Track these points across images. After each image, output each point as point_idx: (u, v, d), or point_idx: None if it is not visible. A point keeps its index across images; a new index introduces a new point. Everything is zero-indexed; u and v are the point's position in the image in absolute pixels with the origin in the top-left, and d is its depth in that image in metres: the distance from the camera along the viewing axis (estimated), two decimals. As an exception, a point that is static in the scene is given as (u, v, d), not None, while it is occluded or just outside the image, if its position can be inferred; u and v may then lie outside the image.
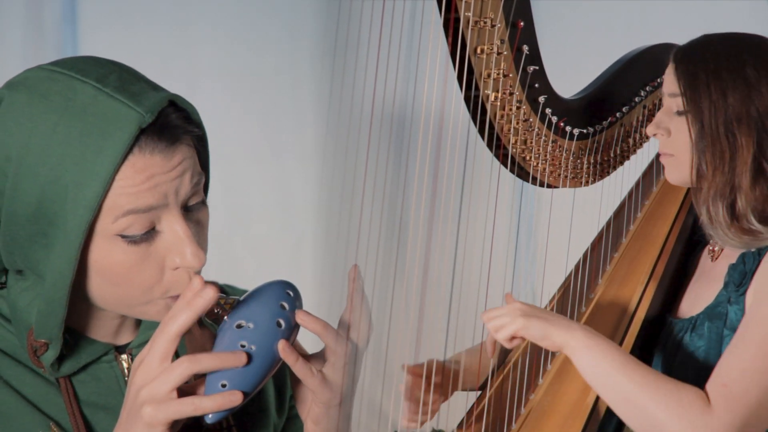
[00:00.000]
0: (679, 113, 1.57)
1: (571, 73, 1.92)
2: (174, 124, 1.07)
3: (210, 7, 3.06)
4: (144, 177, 1.05)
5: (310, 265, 3.08)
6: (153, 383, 1.04)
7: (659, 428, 1.40)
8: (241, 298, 1.12)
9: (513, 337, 1.48)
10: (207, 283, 1.06)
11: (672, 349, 1.63)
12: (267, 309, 1.10)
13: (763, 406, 1.41)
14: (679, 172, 1.60)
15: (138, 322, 1.22)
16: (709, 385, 1.43)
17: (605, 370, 1.44)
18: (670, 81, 1.58)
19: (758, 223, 1.49)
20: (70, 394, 1.14)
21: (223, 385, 1.05)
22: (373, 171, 1.40)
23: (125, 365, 1.20)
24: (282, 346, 1.09)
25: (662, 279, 1.73)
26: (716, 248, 1.65)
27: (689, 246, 1.80)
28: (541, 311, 1.49)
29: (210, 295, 1.05)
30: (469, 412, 1.64)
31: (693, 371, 1.57)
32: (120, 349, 1.20)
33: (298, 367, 1.11)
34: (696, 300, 1.65)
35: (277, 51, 3.07)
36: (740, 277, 1.53)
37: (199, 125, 1.13)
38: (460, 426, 1.62)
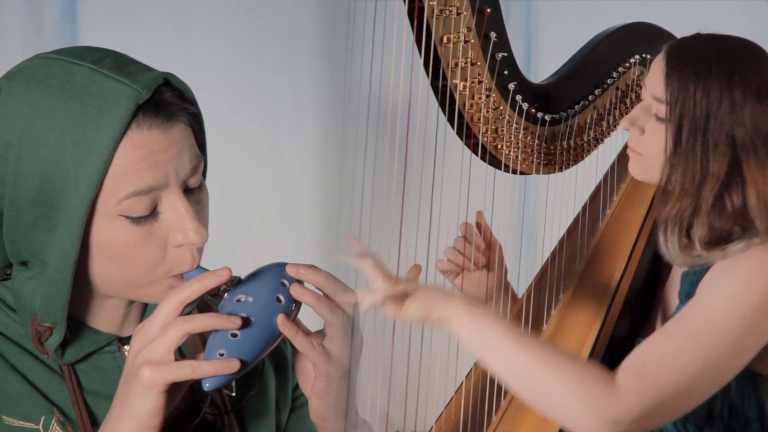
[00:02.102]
0: (658, 118, 1.51)
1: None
2: (169, 102, 1.10)
3: (210, 8, 3.06)
4: (143, 154, 1.08)
5: (309, 265, 3.09)
6: (150, 345, 1.06)
7: (560, 406, 1.33)
8: (243, 278, 1.15)
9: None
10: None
11: None
12: (267, 285, 1.13)
13: (680, 397, 1.35)
14: (643, 170, 1.56)
15: (141, 316, 1.24)
16: (625, 363, 1.36)
17: (495, 343, 1.33)
18: (657, 82, 1.51)
19: (702, 249, 1.44)
20: (73, 381, 1.16)
21: (221, 354, 1.07)
22: (372, 171, 1.39)
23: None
24: (281, 320, 1.11)
25: (641, 260, 1.71)
26: None
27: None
28: (423, 289, 1.33)
29: (223, 274, 1.08)
30: (448, 405, 1.63)
31: None
32: (123, 341, 1.22)
33: (299, 341, 1.13)
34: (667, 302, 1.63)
35: (276, 51, 3.07)
36: (690, 286, 1.50)
37: (193, 103, 1.16)
38: (438, 419, 1.61)
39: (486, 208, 1.74)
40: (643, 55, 1.83)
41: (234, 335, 1.09)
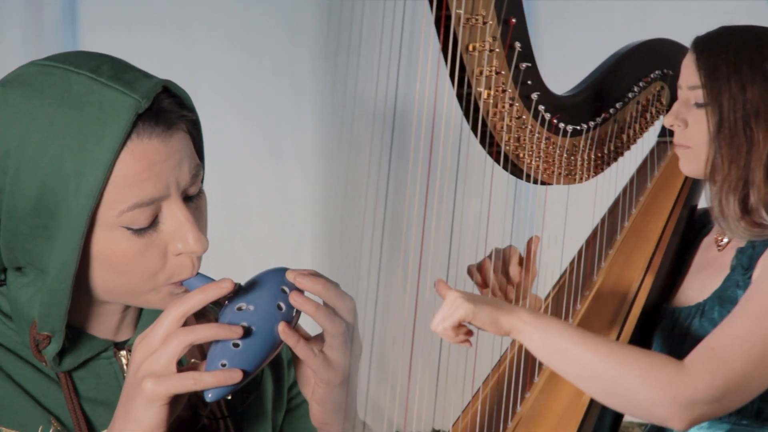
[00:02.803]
0: (698, 105, 1.57)
1: (571, 73, 1.91)
2: (168, 109, 1.09)
3: (210, 8, 3.06)
4: (144, 164, 1.06)
5: (309, 265, 3.06)
6: (152, 356, 1.05)
7: (633, 397, 1.37)
8: (243, 285, 1.13)
9: (460, 326, 1.41)
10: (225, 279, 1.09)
11: (679, 336, 1.62)
12: (268, 292, 1.11)
13: (751, 377, 1.38)
14: (693, 163, 1.60)
15: (137, 320, 1.23)
16: (695, 349, 1.40)
17: (563, 347, 1.39)
18: (690, 72, 1.59)
19: (766, 215, 1.50)
20: (70, 389, 1.15)
21: (223, 365, 1.06)
22: (373, 171, 1.40)
23: (124, 362, 1.20)
24: (282, 328, 1.09)
25: (659, 272, 1.72)
26: (723, 240, 1.65)
27: (685, 239, 1.80)
28: (484, 298, 1.43)
29: (226, 286, 1.07)
30: (465, 411, 1.63)
31: None
32: (119, 346, 1.21)
33: (300, 348, 1.11)
34: (703, 288, 1.64)
35: (276, 51, 3.07)
36: (748, 260, 1.53)
37: (192, 110, 1.14)
38: (455, 425, 1.62)
39: (506, 217, 1.75)
40: (664, 71, 1.86)
41: (236, 345, 1.07)
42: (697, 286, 1.66)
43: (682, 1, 2.87)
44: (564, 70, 1.90)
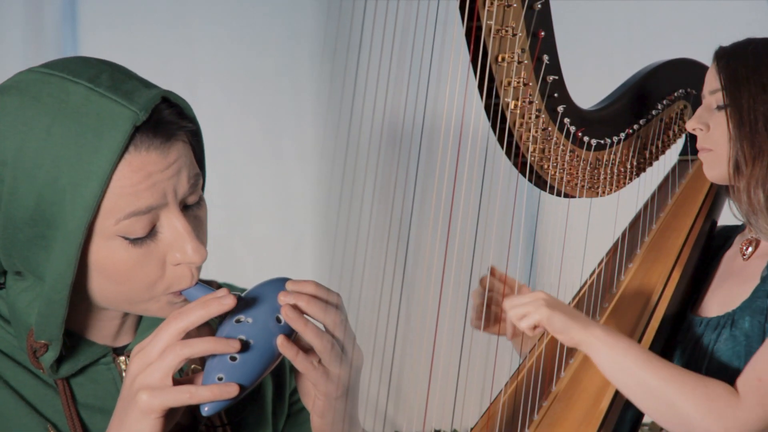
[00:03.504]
0: (719, 108, 1.61)
1: (571, 73, 1.93)
2: (168, 120, 1.08)
3: (210, 8, 3.05)
4: (141, 176, 1.06)
5: (309, 265, 3.07)
6: (148, 369, 1.04)
7: (688, 422, 1.43)
8: (242, 295, 1.13)
9: (535, 326, 1.50)
10: (230, 293, 1.08)
11: (704, 347, 1.64)
12: (266, 305, 1.11)
13: None
14: (716, 167, 1.63)
15: (136, 325, 1.23)
16: (742, 378, 1.46)
17: (627, 367, 1.47)
18: (711, 78, 1.63)
19: None
20: (68, 396, 1.15)
21: (220, 378, 1.06)
22: (373, 171, 1.41)
23: (123, 367, 1.20)
24: (281, 341, 1.09)
25: (679, 283, 1.75)
26: (749, 249, 1.67)
27: (706, 253, 1.82)
28: (563, 305, 1.51)
29: (228, 302, 1.07)
30: (483, 417, 1.65)
31: (734, 368, 1.57)
32: (118, 351, 1.20)
33: (299, 361, 1.11)
34: (728, 298, 1.66)
35: (277, 51, 3.06)
36: None
37: (192, 120, 1.13)
38: (473, 430, 1.63)
39: (529, 228, 1.77)
40: (688, 90, 1.88)
41: (233, 359, 1.07)
42: (723, 297, 1.68)
43: (682, 2, 2.87)
44: (564, 70, 1.91)
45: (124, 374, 1.18)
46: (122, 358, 1.20)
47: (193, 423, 1.18)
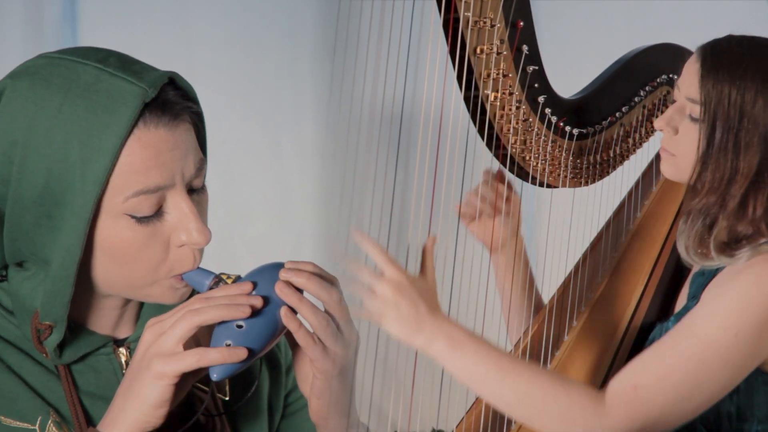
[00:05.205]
0: (692, 119, 1.52)
1: (571, 73, 1.92)
2: (174, 101, 1.10)
3: (210, 8, 3.06)
4: (151, 152, 1.08)
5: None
6: (160, 338, 1.07)
7: None
8: (243, 276, 1.15)
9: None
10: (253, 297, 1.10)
11: None
12: (269, 280, 1.13)
13: (671, 414, 1.36)
14: (675, 170, 1.57)
15: (137, 317, 1.24)
16: (617, 382, 1.38)
17: (480, 377, 1.35)
18: (691, 83, 1.51)
19: (715, 250, 1.45)
20: (69, 382, 1.16)
21: (228, 344, 1.08)
22: (373, 171, 1.40)
23: (123, 359, 1.21)
24: (285, 312, 1.11)
25: (662, 278, 1.73)
26: None
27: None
28: (415, 298, 1.32)
29: (245, 310, 1.08)
30: (469, 412, 1.64)
31: None
32: (118, 343, 1.22)
33: (301, 335, 1.12)
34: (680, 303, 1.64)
35: (276, 51, 3.06)
36: (697, 288, 1.51)
37: (196, 102, 1.16)
38: (459, 425, 1.63)
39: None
40: (670, 75, 1.86)
41: (239, 326, 1.09)
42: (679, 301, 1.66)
43: (682, 2, 2.86)
44: (564, 71, 1.90)
45: (124, 365, 1.20)
46: (122, 349, 1.21)
47: (189, 413, 1.19)
